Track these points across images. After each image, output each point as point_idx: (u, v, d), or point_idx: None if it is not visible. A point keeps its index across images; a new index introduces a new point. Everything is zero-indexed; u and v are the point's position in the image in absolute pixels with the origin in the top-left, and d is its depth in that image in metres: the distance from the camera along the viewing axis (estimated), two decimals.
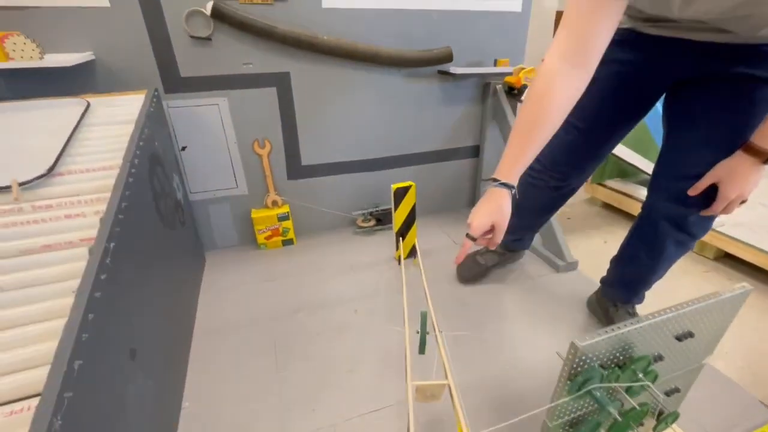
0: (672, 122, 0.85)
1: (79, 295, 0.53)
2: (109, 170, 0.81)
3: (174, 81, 1.24)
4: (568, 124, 0.81)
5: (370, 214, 1.65)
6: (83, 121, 0.94)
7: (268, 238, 1.53)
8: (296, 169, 1.51)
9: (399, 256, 1.42)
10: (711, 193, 0.76)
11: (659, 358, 0.59)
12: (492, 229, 0.70)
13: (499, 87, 1.59)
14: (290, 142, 1.46)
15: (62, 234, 0.66)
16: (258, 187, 1.49)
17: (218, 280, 1.35)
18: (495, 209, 0.69)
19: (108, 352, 0.58)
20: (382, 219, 1.64)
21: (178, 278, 1.07)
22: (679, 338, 0.58)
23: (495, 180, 0.70)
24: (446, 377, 0.67)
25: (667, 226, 0.87)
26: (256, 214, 1.49)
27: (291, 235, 1.55)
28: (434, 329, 0.80)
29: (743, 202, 0.74)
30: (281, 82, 1.35)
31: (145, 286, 0.78)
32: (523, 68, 1.54)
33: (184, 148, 1.34)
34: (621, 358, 0.56)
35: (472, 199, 1.89)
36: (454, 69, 1.44)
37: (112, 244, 0.64)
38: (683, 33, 0.71)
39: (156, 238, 0.90)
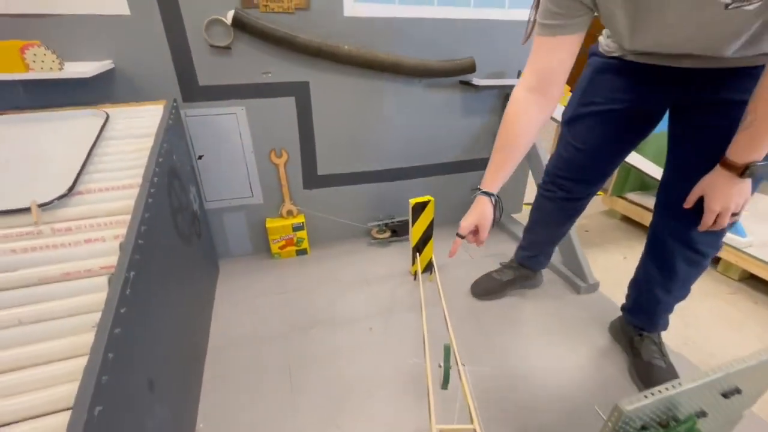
0: (671, 142, 0.88)
1: (99, 332, 0.52)
2: (129, 189, 0.80)
3: (192, 90, 1.22)
4: (567, 144, 0.99)
5: (386, 225, 1.62)
6: (102, 134, 0.93)
7: (282, 247, 1.51)
8: (312, 178, 1.49)
9: (415, 272, 1.39)
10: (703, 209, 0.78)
11: (702, 414, 0.56)
12: (477, 230, 0.87)
13: None
14: (307, 152, 1.44)
15: (82, 261, 0.64)
16: (273, 197, 1.47)
17: (232, 291, 1.34)
18: (479, 213, 0.86)
19: (128, 390, 0.56)
20: (398, 230, 1.61)
21: (194, 293, 1.06)
22: (725, 395, 0.55)
23: (479, 189, 0.86)
24: (471, 419, 0.65)
25: (674, 243, 0.89)
26: (270, 223, 1.47)
27: (305, 245, 1.54)
28: (457, 363, 0.77)
29: (735, 215, 0.75)
30: (300, 92, 1.33)
31: (163, 309, 0.76)
32: None
33: (200, 157, 1.33)
34: (664, 417, 0.53)
35: None
36: (477, 80, 1.40)
37: (132, 273, 0.63)
38: (659, 60, 0.77)
39: (174, 257, 0.89)
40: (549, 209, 1.11)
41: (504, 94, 1.57)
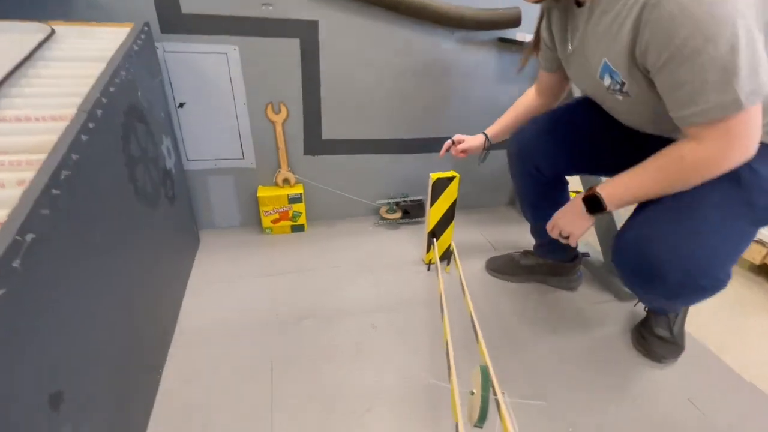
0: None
1: None
2: (60, 121, 0.57)
3: (173, 17, 0.98)
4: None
5: (397, 204, 1.40)
6: (39, 54, 0.70)
7: (275, 221, 1.30)
8: (315, 143, 1.26)
9: (430, 261, 1.18)
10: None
11: None
12: (465, 152, 1.07)
13: None
14: (311, 110, 1.20)
15: None
16: (268, 161, 1.25)
17: (211, 269, 1.13)
18: (474, 139, 1.07)
19: (12, 414, 0.36)
20: (410, 211, 1.39)
21: (157, 270, 0.85)
22: None
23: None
24: None
25: None
26: (263, 192, 1.25)
27: (302, 220, 1.32)
28: (494, 390, 0.56)
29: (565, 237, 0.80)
30: (307, 33, 1.09)
31: (91, 291, 0.55)
32: None
33: (181, 105, 1.10)
34: None
35: (514, 197, 1.62)
36: (521, 35, 1.15)
37: (29, 237, 0.41)
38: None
39: (125, 220, 0.67)
40: (523, 184, 1.07)
41: None
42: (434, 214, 1.11)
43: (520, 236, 1.40)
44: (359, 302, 1.03)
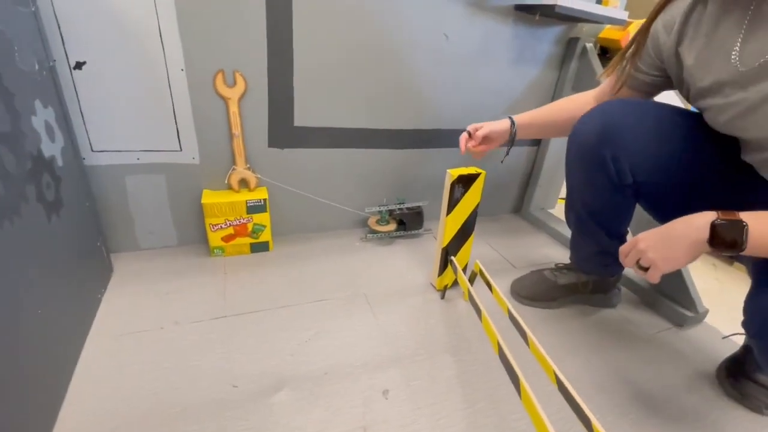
0: None
1: None
2: None
3: None
4: None
5: (390, 213, 1.10)
6: None
7: (228, 238, 0.94)
8: (284, 131, 0.94)
9: (445, 287, 0.89)
10: None
11: None
12: (484, 142, 0.81)
13: (589, 46, 1.10)
14: (279, 84, 0.88)
15: None
16: (217, 155, 0.90)
17: (127, 313, 0.75)
18: (496, 125, 0.81)
19: None
20: (407, 222, 1.10)
21: (23, 320, 0.47)
22: None
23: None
24: None
25: None
26: (210, 198, 0.89)
27: (266, 236, 0.97)
28: None
29: (644, 269, 0.56)
30: None
31: None
32: (631, 22, 1.06)
33: (79, 66, 0.73)
34: None
35: (519, 204, 1.39)
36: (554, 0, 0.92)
37: None
38: None
39: None
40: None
41: (568, 38, 1.12)
42: (451, 224, 0.83)
43: (539, 249, 1.16)
44: (358, 356, 0.70)
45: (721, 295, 1.13)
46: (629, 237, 0.80)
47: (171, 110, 0.82)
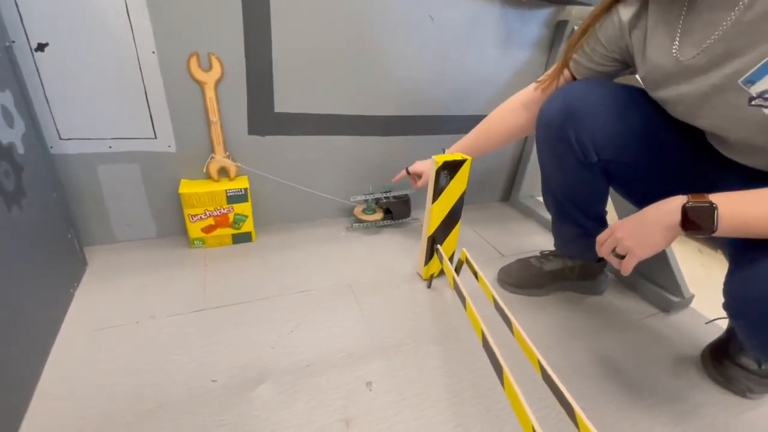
0: None
1: None
2: None
3: None
4: None
5: (376, 202, 1.08)
6: None
7: (208, 229, 0.91)
8: (264, 118, 0.90)
9: (431, 276, 0.87)
10: None
11: None
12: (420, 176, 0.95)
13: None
14: (257, 68, 0.84)
15: None
16: (195, 142, 0.87)
17: (102, 307, 0.72)
18: (428, 164, 0.85)
19: None
20: (394, 210, 1.08)
21: None
22: None
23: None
24: None
25: None
26: (189, 187, 0.86)
27: (248, 226, 0.95)
28: None
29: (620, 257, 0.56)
30: None
31: None
32: None
33: (41, 48, 0.69)
34: None
35: (508, 192, 1.38)
36: None
37: None
38: None
39: None
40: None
41: (557, 21, 1.09)
42: (437, 211, 0.81)
43: (527, 237, 1.15)
44: (342, 347, 0.69)
45: (707, 279, 1.14)
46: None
47: (143, 95, 0.78)
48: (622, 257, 0.55)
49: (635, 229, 0.54)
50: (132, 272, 0.82)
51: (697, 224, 0.48)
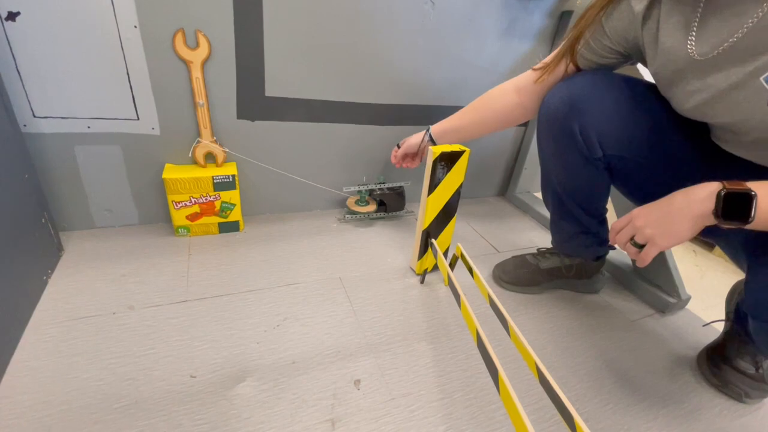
0: None
1: None
2: None
3: None
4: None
5: (370, 193, 1.04)
6: None
7: (193, 217, 0.87)
8: (254, 101, 0.86)
9: (425, 271, 0.84)
10: None
11: None
12: (408, 159, 0.92)
13: None
14: (247, 47, 0.80)
15: None
16: (180, 125, 0.82)
17: (77, 296, 0.68)
18: (410, 138, 0.88)
19: None
20: (387, 202, 1.05)
21: None
22: None
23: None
24: None
25: None
26: (173, 173, 0.82)
27: (236, 215, 0.91)
28: None
29: (639, 247, 0.53)
30: None
31: None
32: None
33: (12, 17, 0.64)
34: None
35: (505, 185, 1.35)
36: None
37: None
38: None
39: None
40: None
41: (560, 11, 1.06)
42: (433, 205, 0.78)
43: (523, 233, 1.13)
44: (330, 343, 0.66)
45: (701, 281, 1.13)
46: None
47: (125, 73, 0.74)
48: (641, 247, 0.52)
49: (659, 217, 0.50)
50: (111, 260, 0.78)
51: (734, 213, 0.44)
